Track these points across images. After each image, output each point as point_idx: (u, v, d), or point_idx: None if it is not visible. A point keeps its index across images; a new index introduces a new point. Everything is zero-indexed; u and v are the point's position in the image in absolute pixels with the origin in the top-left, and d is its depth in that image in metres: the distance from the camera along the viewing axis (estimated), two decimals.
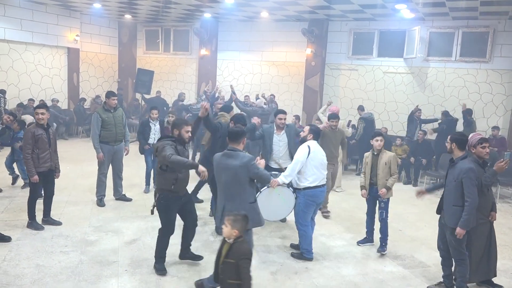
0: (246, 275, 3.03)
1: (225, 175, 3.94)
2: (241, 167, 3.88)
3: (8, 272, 4.38)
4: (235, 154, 3.96)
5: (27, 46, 12.31)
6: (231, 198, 3.95)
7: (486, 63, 10.76)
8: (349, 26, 12.24)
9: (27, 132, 5.44)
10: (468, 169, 4.08)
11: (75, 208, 6.51)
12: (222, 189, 4.00)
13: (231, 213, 3.25)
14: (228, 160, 3.94)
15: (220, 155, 4.06)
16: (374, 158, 5.39)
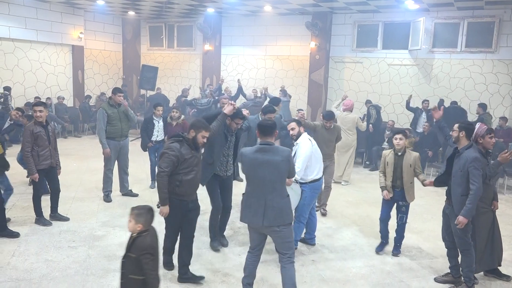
0: (148, 270, 2.91)
1: (264, 171, 3.61)
2: (283, 162, 3.63)
3: (17, 267, 4.43)
4: (273, 148, 3.67)
5: (32, 44, 12.36)
6: (272, 193, 3.66)
7: (492, 53, 10.67)
8: (353, 19, 12.18)
9: (26, 130, 5.45)
10: (474, 158, 4.06)
11: (82, 204, 6.56)
12: (260, 185, 3.66)
13: (135, 207, 3.10)
14: (267, 155, 3.62)
15: (252, 151, 3.69)
16: (397, 159, 4.91)
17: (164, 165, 3.91)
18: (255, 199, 3.68)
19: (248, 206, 3.72)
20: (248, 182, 3.77)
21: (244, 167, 3.72)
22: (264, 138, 3.72)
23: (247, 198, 3.76)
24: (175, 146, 3.96)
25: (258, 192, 3.68)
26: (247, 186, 3.78)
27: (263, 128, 3.73)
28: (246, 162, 3.69)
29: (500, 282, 4.55)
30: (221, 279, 4.39)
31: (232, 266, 4.67)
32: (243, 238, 5.44)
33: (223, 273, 4.51)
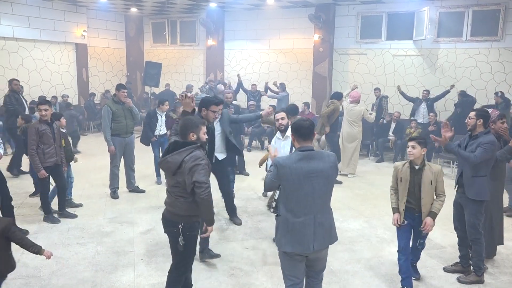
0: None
1: (312, 183, 2.97)
2: (332, 169, 3.06)
3: (27, 264, 4.46)
4: (318, 154, 3.05)
5: (35, 43, 12.39)
6: (322, 209, 3.05)
7: (498, 41, 10.55)
8: (356, 10, 12.08)
9: (31, 128, 5.47)
10: (490, 140, 4.10)
11: (90, 201, 6.59)
12: (307, 201, 2.99)
13: None
14: (313, 163, 2.99)
15: (294, 159, 3.00)
16: (414, 174, 3.90)
17: (205, 178, 3.19)
18: (301, 219, 2.99)
19: (291, 230, 3.01)
20: (288, 199, 3.03)
21: (284, 180, 2.99)
22: (303, 143, 3.06)
23: (288, 220, 3.02)
24: (201, 153, 3.28)
25: (305, 210, 2.99)
26: (284, 204, 3.07)
27: (301, 130, 3.05)
28: (287, 174, 2.97)
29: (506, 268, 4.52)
30: (229, 272, 4.40)
31: (240, 260, 4.68)
32: (250, 232, 5.46)
33: (231, 267, 4.52)
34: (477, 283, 4.20)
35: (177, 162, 3.20)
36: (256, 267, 4.50)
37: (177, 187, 3.26)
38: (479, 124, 4.20)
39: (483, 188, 4.14)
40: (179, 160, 3.19)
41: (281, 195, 3.11)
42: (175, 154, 3.23)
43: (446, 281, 4.23)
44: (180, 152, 3.23)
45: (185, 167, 3.17)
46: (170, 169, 3.24)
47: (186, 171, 3.17)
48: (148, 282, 4.15)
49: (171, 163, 3.22)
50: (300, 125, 3.08)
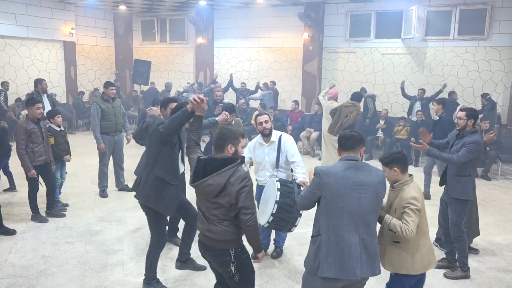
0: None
1: (359, 196, 2.63)
2: (381, 184, 2.73)
3: (14, 264, 4.43)
4: (365, 166, 2.75)
5: (22, 41, 12.24)
6: (368, 231, 2.68)
7: (484, 40, 10.69)
8: (345, 8, 12.14)
9: (19, 127, 5.41)
10: (475, 140, 4.15)
11: (79, 199, 6.55)
12: (351, 218, 2.64)
13: None
14: (361, 174, 2.67)
15: (341, 167, 2.70)
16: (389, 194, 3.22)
17: (252, 202, 2.80)
18: (346, 238, 2.62)
19: (333, 251, 2.63)
20: (331, 214, 2.66)
21: (328, 190, 2.65)
22: (348, 153, 2.78)
23: (330, 239, 2.64)
24: (244, 171, 2.85)
25: (350, 228, 2.63)
26: (325, 220, 2.69)
27: (350, 141, 2.78)
28: (331, 184, 2.64)
29: (491, 264, 4.60)
30: None
31: None
32: None
33: None
34: (463, 278, 4.27)
35: (220, 184, 2.75)
36: None
37: (220, 209, 2.81)
38: (469, 125, 4.28)
39: (467, 188, 4.20)
40: (222, 183, 2.74)
41: (322, 210, 2.70)
42: (216, 175, 2.76)
43: (433, 277, 4.29)
44: (222, 173, 2.76)
45: (231, 190, 2.73)
46: (212, 193, 2.78)
47: (232, 194, 2.73)
48: (138, 281, 4.14)
49: (213, 186, 2.76)
50: (344, 136, 2.83)
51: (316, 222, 2.76)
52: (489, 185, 7.90)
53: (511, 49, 10.45)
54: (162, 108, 4.40)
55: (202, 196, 2.87)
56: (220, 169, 2.77)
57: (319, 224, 2.71)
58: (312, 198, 2.74)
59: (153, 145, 3.73)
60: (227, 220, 2.82)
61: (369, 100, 10.59)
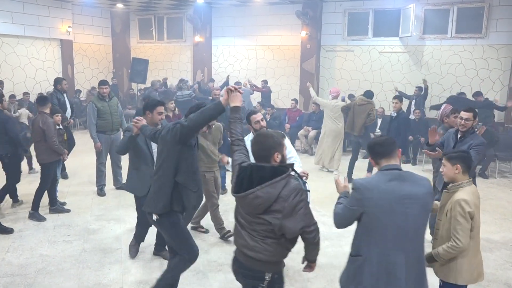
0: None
1: (406, 210, 2.35)
2: (429, 195, 2.43)
3: (12, 262, 4.41)
4: (410, 175, 2.45)
5: (19, 39, 12.19)
6: (415, 248, 2.41)
7: (482, 38, 10.70)
8: (343, 7, 12.14)
9: (50, 123, 5.55)
10: (482, 141, 4.16)
11: (76, 198, 6.53)
12: (397, 236, 2.36)
13: None
14: (406, 186, 2.38)
15: (384, 179, 2.40)
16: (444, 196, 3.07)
17: (313, 216, 2.49)
18: (390, 259, 2.37)
19: (373, 273, 2.39)
20: (374, 232, 2.39)
21: (372, 207, 2.37)
22: (387, 161, 2.47)
23: (372, 259, 2.40)
24: (297, 181, 2.52)
25: (395, 246, 2.36)
26: (366, 239, 2.44)
27: (383, 147, 2.49)
28: (375, 199, 2.36)
29: (489, 261, 4.60)
30: (217, 268, 4.41)
31: (228, 255, 4.69)
32: None
33: (219, 263, 4.53)
34: None
35: (271, 198, 2.35)
36: None
37: (264, 225, 2.42)
38: (474, 125, 4.30)
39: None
40: (274, 195, 2.34)
41: (362, 228, 2.44)
42: (267, 186, 2.35)
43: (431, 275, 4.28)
44: (273, 184, 2.36)
45: (284, 207, 2.34)
46: (260, 206, 2.37)
47: (285, 212, 2.34)
48: (135, 279, 4.13)
49: (262, 199, 2.35)
50: (374, 142, 2.55)
51: (356, 240, 2.50)
52: (487, 183, 7.91)
53: (508, 47, 10.48)
54: (148, 111, 4.09)
55: (245, 208, 2.47)
56: (270, 179, 2.36)
57: (360, 243, 2.45)
58: (351, 216, 2.45)
59: (168, 147, 3.26)
60: (271, 238, 2.43)
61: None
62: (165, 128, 3.36)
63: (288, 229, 2.36)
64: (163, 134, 3.30)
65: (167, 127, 3.32)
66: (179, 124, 3.19)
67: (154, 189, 3.35)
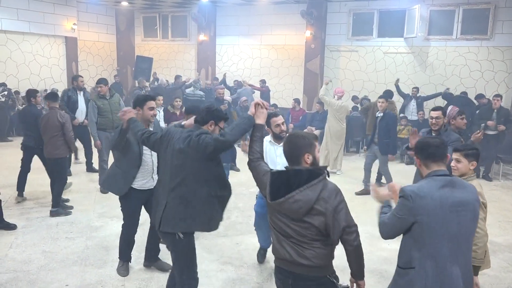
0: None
1: (458, 218, 2.26)
2: (477, 201, 2.37)
3: (15, 258, 4.43)
4: (459, 181, 2.38)
5: (24, 36, 12.23)
6: (466, 258, 2.33)
7: (487, 40, 10.66)
8: (348, 7, 12.11)
9: (68, 118, 5.74)
10: (457, 138, 4.34)
11: (79, 195, 6.55)
12: (451, 248, 2.26)
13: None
14: (458, 192, 2.29)
15: (436, 185, 2.29)
16: None
17: (352, 218, 2.40)
18: (446, 272, 2.26)
19: (429, 287, 2.27)
20: (425, 243, 2.27)
21: (425, 216, 2.24)
22: (437, 166, 2.37)
23: (425, 272, 2.28)
24: (333, 183, 2.43)
25: (449, 258, 2.26)
26: (415, 250, 2.32)
27: (431, 149, 2.37)
28: (428, 208, 2.24)
29: (492, 264, 4.59)
30: (219, 267, 4.41)
31: (231, 255, 4.69)
32: (240, 227, 5.47)
33: (221, 262, 4.53)
34: None
35: (310, 200, 2.29)
36: (246, 263, 4.52)
37: (311, 229, 2.33)
38: (445, 122, 4.49)
39: None
40: (314, 197, 2.29)
41: (413, 238, 2.31)
42: (306, 189, 2.30)
43: None
44: (312, 186, 2.31)
45: (326, 208, 2.29)
46: (301, 210, 2.30)
47: (328, 213, 2.29)
48: (138, 277, 4.14)
49: (302, 202, 2.29)
50: (429, 143, 2.39)
51: (406, 251, 2.36)
52: (490, 185, 7.88)
53: None
54: (138, 107, 3.84)
55: (285, 215, 2.36)
56: (308, 182, 2.31)
57: (411, 254, 2.31)
58: (401, 225, 2.32)
59: (192, 161, 2.97)
60: (318, 241, 2.34)
61: (365, 102, 10.56)
62: (179, 139, 3.03)
63: (333, 229, 2.31)
64: (182, 147, 2.97)
65: (183, 137, 3.01)
66: (208, 137, 2.92)
67: (178, 205, 3.01)
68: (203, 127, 3.09)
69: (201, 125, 3.11)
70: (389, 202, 2.56)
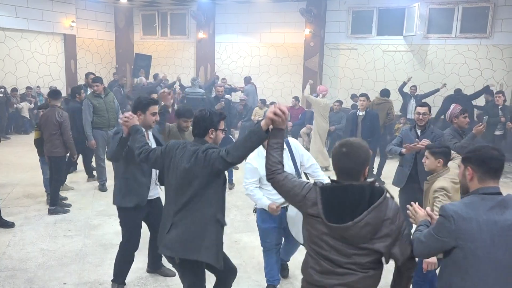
0: None
1: (507, 245, 1.96)
2: None
3: (13, 256, 4.42)
4: (511, 201, 2.05)
5: (22, 33, 12.19)
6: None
7: (486, 38, 10.64)
8: (347, 5, 12.08)
9: (66, 117, 5.64)
10: (442, 133, 4.52)
11: (77, 193, 6.54)
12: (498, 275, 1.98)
13: None
14: (509, 214, 1.99)
15: (484, 206, 2.00)
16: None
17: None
18: None
19: None
20: (468, 270, 2.00)
21: (469, 242, 1.97)
22: (492, 183, 2.08)
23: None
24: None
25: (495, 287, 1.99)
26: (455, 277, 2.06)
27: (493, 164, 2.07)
28: (474, 232, 1.96)
29: None
30: None
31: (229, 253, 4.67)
32: (239, 226, 5.46)
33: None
34: None
35: (379, 222, 2.00)
36: (245, 261, 4.51)
37: (370, 256, 2.05)
38: (431, 118, 4.64)
39: None
40: (381, 219, 2.01)
41: (454, 264, 2.05)
42: (373, 210, 1.99)
43: None
44: (378, 207, 2.00)
45: (392, 230, 2.02)
46: (368, 235, 2.01)
47: (393, 235, 2.03)
48: (136, 275, 4.13)
49: (371, 226, 1.99)
50: (492, 156, 2.06)
51: (445, 278, 2.11)
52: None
53: None
54: (139, 111, 3.47)
55: (344, 240, 2.04)
56: (369, 201, 2.00)
57: (450, 281, 2.06)
58: (439, 247, 2.05)
59: (200, 178, 2.71)
60: (374, 269, 2.07)
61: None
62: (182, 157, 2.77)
63: (399, 255, 2.05)
64: (188, 166, 2.72)
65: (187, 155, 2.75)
66: (214, 153, 2.66)
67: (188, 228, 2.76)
68: (205, 139, 2.83)
69: (202, 137, 2.83)
70: (427, 222, 2.27)
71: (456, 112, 4.67)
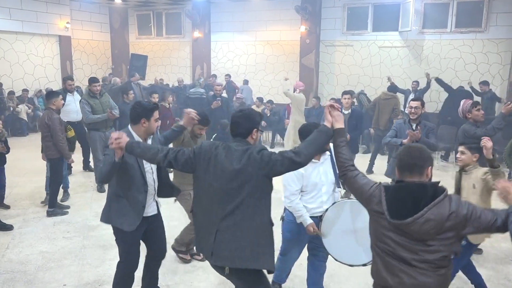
0: None
1: None
2: None
3: (12, 259, 4.41)
4: None
5: (17, 35, 12.15)
6: None
7: (481, 33, 10.67)
8: (342, 1, 12.09)
9: (56, 119, 5.50)
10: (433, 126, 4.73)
11: (76, 195, 6.52)
12: None
13: None
14: None
15: None
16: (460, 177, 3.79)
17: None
18: None
19: None
20: None
21: None
22: None
23: None
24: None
25: None
26: None
27: None
28: None
29: (489, 256, 4.60)
30: None
31: None
32: None
33: None
34: None
35: (442, 219, 2.03)
36: None
37: (437, 253, 2.07)
38: (423, 111, 4.70)
39: None
40: (445, 214, 2.03)
41: None
42: (434, 207, 2.03)
43: None
44: (441, 203, 2.04)
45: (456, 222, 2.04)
46: (433, 230, 2.04)
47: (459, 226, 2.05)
48: (136, 276, 4.12)
49: (433, 222, 2.03)
50: None
51: None
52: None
53: (508, 42, 10.45)
54: (144, 119, 3.14)
55: (411, 236, 2.08)
56: (432, 198, 2.05)
57: None
58: None
59: (252, 182, 2.50)
60: (444, 268, 2.09)
61: (363, 97, 10.54)
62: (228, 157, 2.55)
63: (473, 230, 2.07)
64: (239, 167, 2.50)
65: (237, 156, 2.54)
66: (276, 155, 2.49)
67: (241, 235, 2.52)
68: (247, 139, 2.64)
69: (245, 138, 2.64)
70: None
71: (468, 107, 4.67)
